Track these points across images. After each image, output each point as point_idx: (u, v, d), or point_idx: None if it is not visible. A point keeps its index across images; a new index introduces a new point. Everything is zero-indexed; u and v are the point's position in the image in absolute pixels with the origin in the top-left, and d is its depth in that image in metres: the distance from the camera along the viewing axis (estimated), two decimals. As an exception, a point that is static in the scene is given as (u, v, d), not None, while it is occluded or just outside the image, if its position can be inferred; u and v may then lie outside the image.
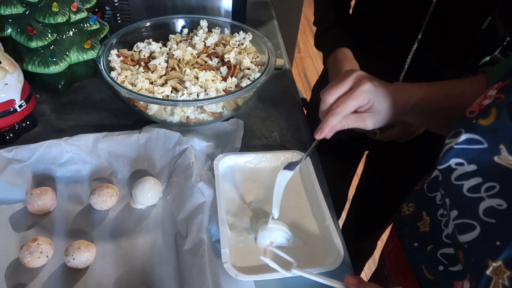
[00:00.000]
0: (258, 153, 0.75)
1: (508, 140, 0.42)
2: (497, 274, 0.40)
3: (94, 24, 0.88)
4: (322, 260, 0.60)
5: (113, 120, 0.84)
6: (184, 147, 0.73)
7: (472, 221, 0.43)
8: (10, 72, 0.69)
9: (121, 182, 0.71)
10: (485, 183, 0.43)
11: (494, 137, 0.43)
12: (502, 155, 0.42)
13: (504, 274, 0.39)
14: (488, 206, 0.42)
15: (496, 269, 0.40)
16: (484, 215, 0.42)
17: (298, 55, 3.02)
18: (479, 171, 0.44)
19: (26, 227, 0.63)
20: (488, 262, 0.40)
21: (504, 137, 0.42)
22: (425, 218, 0.57)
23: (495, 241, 0.40)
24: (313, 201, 0.69)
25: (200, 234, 0.60)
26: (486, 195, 0.42)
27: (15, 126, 0.76)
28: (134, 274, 0.58)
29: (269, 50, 0.83)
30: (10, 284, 0.56)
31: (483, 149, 0.44)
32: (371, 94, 0.57)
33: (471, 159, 0.44)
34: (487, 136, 0.43)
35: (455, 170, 0.46)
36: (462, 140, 0.45)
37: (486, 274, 0.40)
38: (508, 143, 0.42)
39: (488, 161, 0.43)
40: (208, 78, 0.79)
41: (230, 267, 0.56)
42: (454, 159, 0.46)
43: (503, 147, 0.42)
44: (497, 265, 0.40)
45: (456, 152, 0.45)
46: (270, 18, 1.27)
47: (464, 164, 0.45)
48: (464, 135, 0.44)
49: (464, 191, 0.44)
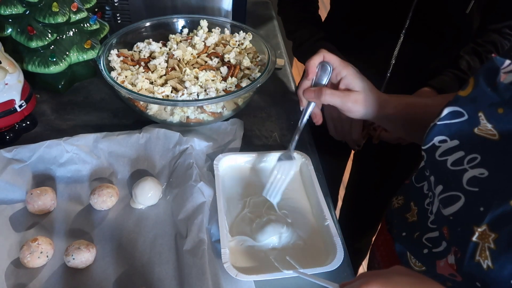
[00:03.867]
0: (258, 153, 0.75)
1: (486, 106, 0.44)
2: (483, 239, 0.41)
3: (94, 24, 0.88)
4: (322, 260, 0.60)
5: (113, 120, 0.84)
6: (184, 147, 0.73)
7: (456, 192, 0.45)
8: (10, 72, 0.69)
9: (121, 182, 0.71)
10: (467, 155, 0.45)
11: (473, 106, 0.45)
12: (481, 124, 0.44)
13: (489, 237, 0.41)
14: (471, 176, 0.44)
15: (481, 234, 0.41)
16: (467, 185, 0.44)
17: (298, 55, 3.01)
18: (461, 145, 0.46)
19: (26, 227, 0.63)
20: (474, 229, 0.42)
21: (482, 104, 0.44)
22: (413, 209, 0.59)
23: (479, 207, 0.42)
24: (313, 201, 0.69)
25: (200, 234, 0.60)
26: (468, 166, 0.44)
27: (15, 126, 0.76)
28: (134, 274, 0.58)
29: (269, 50, 0.83)
30: (10, 284, 0.56)
31: (464, 122, 0.45)
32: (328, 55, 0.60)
33: (453, 134, 0.46)
34: (466, 106, 0.45)
35: (439, 147, 0.48)
36: (444, 115, 0.46)
37: (472, 240, 0.42)
38: (486, 109, 0.44)
39: (469, 133, 0.45)
40: (208, 78, 0.79)
41: (230, 267, 0.56)
42: (438, 136, 0.48)
43: (481, 115, 0.44)
44: (482, 230, 0.41)
45: (439, 129, 0.47)
46: (270, 18, 1.27)
47: (447, 141, 0.47)
48: (446, 109, 0.46)
49: (448, 165, 0.46)
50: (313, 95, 0.61)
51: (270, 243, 0.62)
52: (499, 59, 0.42)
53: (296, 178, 0.74)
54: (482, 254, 0.41)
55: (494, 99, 0.43)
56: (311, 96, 0.61)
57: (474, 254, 0.42)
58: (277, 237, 0.63)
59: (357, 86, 0.59)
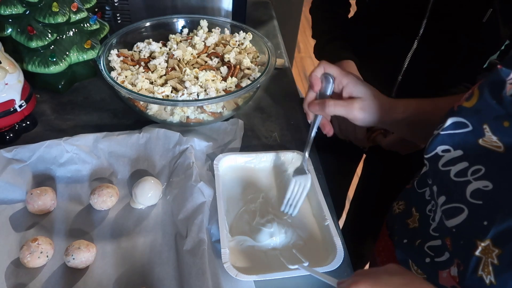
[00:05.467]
0: (258, 153, 0.75)
1: (491, 119, 0.43)
2: (486, 254, 0.40)
3: (94, 24, 0.88)
4: (323, 260, 0.60)
5: (113, 120, 0.84)
6: (184, 147, 0.73)
7: (460, 204, 0.44)
8: (10, 72, 0.69)
9: (121, 182, 0.71)
10: (471, 166, 0.44)
11: (478, 117, 0.44)
12: (486, 136, 0.43)
13: (492, 252, 0.40)
14: (475, 189, 0.43)
15: (484, 248, 0.41)
16: (471, 198, 0.43)
17: (298, 55, 3.02)
18: (465, 156, 0.45)
19: (26, 227, 0.63)
20: (477, 243, 0.41)
21: (487, 116, 0.43)
22: (414, 215, 0.58)
23: (483, 221, 0.41)
24: (313, 201, 0.69)
25: (200, 234, 0.60)
26: (472, 178, 0.43)
27: (15, 126, 0.76)
28: (134, 274, 0.58)
29: (269, 50, 0.83)
30: (10, 284, 0.56)
31: (468, 132, 0.45)
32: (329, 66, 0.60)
33: (457, 144, 0.45)
34: (471, 117, 0.44)
35: (442, 157, 0.47)
36: (448, 125, 0.46)
37: (475, 255, 0.41)
38: (491, 122, 0.43)
39: (473, 144, 0.44)
40: (208, 78, 0.79)
41: (230, 267, 0.56)
42: (441, 146, 0.47)
43: (486, 127, 0.43)
44: (486, 245, 0.40)
45: (442, 139, 0.46)
46: (270, 18, 1.27)
47: (450, 150, 0.46)
48: (449, 119, 0.45)
49: (451, 176, 0.45)
50: (318, 108, 0.60)
51: (270, 243, 0.62)
52: (505, 70, 0.41)
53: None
54: (485, 269, 0.40)
55: (500, 112, 0.42)
56: (316, 109, 0.61)
57: (476, 269, 0.41)
58: (277, 237, 0.63)
59: (359, 93, 0.59)
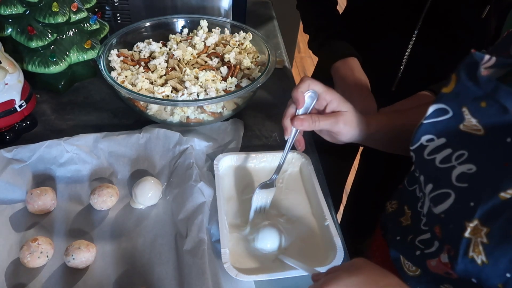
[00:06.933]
0: (258, 153, 0.75)
1: (469, 101, 0.44)
2: (475, 234, 0.41)
3: (94, 24, 0.88)
4: (322, 260, 0.60)
5: (113, 120, 0.84)
6: (184, 147, 0.73)
7: (446, 189, 0.45)
8: (10, 72, 0.69)
9: (121, 182, 0.71)
10: (455, 152, 0.45)
11: (457, 101, 0.45)
12: (466, 120, 0.44)
13: (481, 231, 0.41)
14: (460, 173, 0.44)
15: (473, 229, 0.41)
16: (457, 182, 0.44)
17: (298, 55, 3.02)
18: (448, 143, 0.46)
19: (26, 227, 0.63)
20: (465, 224, 0.42)
21: (465, 98, 0.44)
22: (407, 212, 0.59)
23: (469, 203, 0.42)
24: (313, 201, 0.69)
25: (200, 234, 0.60)
26: (457, 163, 0.45)
27: (15, 126, 0.76)
28: (134, 274, 0.58)
29: (269, 50, 0.83)
30: (10, 284, 0.56)
31: (449, 119, 0.46)
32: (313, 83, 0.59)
33: (439, 132, 0.47)
34: (450, 102, 0.45)
35: (427, 146, 0.48)
36: (430, 113, 0.47)
37: (464, 236, 0.42)
38: (470, 104, 0.44)
39: (455, 130, 0.45)
40: (208, 78, 0.79)
41: (230, 267, 0.56)
42: (425, 136, 0.48)
43: (465, 110, 0.44)
44: (474, 225, 0.41)
45: (426, 128, 0.48)
46: (270, 18, 1.27)
47: (434, 139, 0.47)
48: (431, 107, 0.47)
49: (437, 163, 0.47)
50: (306, 123, 0.60)
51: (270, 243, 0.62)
52: (478, 54, 0.42)
53: (296, 178, 0.74)
54: (475, 249, 0.41)
55: (477, 93, 0.43)
56: (303, 124, 0.60)
57: (467, 250, 0.42)
58: (277, 237, 0.62)
59: (344, 107, 0.60)
